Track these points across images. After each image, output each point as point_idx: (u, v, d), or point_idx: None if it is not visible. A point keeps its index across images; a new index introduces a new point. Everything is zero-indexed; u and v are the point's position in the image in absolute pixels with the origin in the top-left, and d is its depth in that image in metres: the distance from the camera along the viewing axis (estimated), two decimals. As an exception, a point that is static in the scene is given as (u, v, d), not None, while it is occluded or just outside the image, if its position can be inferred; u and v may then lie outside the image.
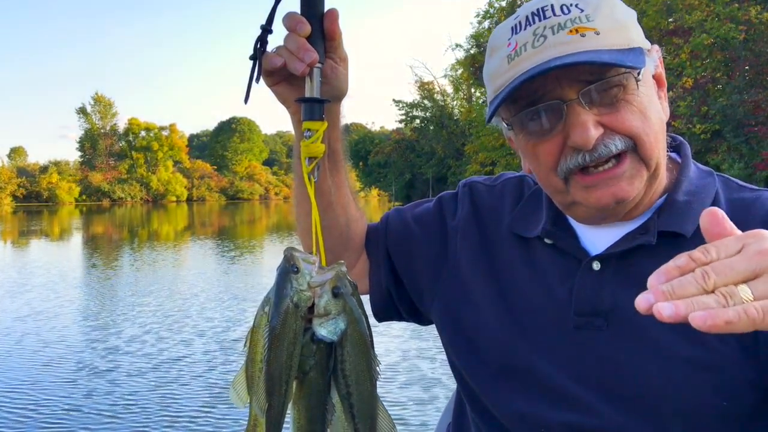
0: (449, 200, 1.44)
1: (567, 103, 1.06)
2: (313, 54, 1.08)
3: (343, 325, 0.92)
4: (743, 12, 25.78)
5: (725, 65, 26.06)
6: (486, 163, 38.04)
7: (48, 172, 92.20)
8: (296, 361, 0.92)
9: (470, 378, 1.29)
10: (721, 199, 1.16)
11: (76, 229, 36.64)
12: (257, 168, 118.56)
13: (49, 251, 23.45)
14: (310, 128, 1.10)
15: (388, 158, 59.14)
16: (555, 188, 1.15)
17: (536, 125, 1.11)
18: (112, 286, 13.98)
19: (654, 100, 1.12)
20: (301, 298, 0.93)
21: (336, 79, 1.19)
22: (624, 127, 1.07)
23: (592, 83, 1.05)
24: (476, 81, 45.35)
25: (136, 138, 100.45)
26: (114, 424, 5.78)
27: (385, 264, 1.42)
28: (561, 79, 1.06)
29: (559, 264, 1.21)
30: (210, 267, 17.29)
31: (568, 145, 1.08)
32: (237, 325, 9.65)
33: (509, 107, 1.13)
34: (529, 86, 1.07)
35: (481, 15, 43.49)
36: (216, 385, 6.74)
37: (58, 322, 9.99)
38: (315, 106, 1.10)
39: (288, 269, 0.94)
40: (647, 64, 1.10)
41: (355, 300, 0.95)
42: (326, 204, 1.31)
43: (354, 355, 0.93)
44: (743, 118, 24.19)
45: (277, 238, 27.51)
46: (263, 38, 1.12)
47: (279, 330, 0.92)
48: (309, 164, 1.11)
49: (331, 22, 1.12)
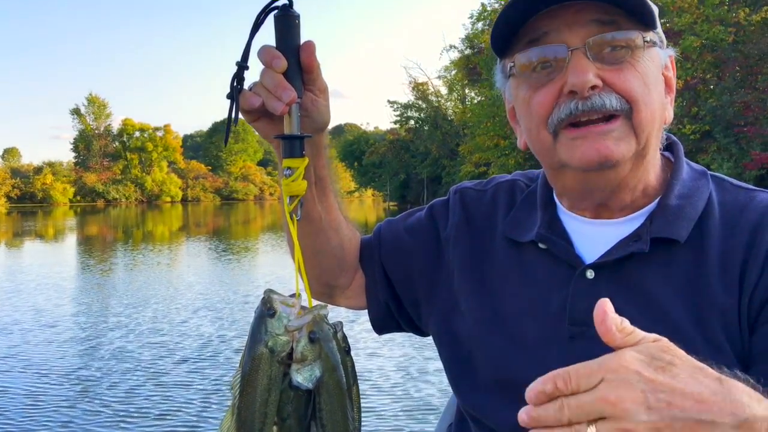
0: (440, 208, 1.43)
1: (572, 49, 1.05)
2: (291, 93, 1.06)
3: (319, 372, 0.90)
4: (732, 14, 25.90)
5: (715, 67, 26.16)
6: (480, 164, 38.00)
7: (42, 173, 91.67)
8: (273, 408, 0.90)
9: (465, 390, 1.28)
10: (714, 201, 1.14)
11: (70, 230, 36.47)
12: (252, 168, 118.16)
13: (42, 252, 23.31)
14: (290, 166, 1.08)
15: (383, 158, 59.08)
16: (544, 145, 1.13)
17: (538, 74, 1.10)
18: (105, 287, 13.91)
19: (659, 85, 1.12)
20: (277, 343, 0.90)
21: (316, 111, 1.17)
22: (624, 86, 1.05)
23: (600, 31, 1.05)
24: (470, 82, 45.35)
25: (131, 139, 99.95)
26: (109, 424, 5.76)
27: (380, 278, 1.41)
28: (570, 23, 1.06)
29: (553, 271, 1.20)
30: (205, 267, 17.23)
31: (563, 93, 1.07)
32: (231, 326, 9.61)
33: (513, 46, 1.12)
34: (537, 23, 1.06)
35: (475, 17, 43.52)
36: (209, 389, 6.73)
37: (52, 322, 9.92)
38: (294, 143, 1.09)
39: (264, 313, 0.92)
40: (660, 54, 1.11)
41: (333, 345, 0.92)
42: (318, 230, 1.30)
43: (330, 404, 0.91)
44: (733, 119, 24.29)
45: (272, 238, 27.46)
46: (240, 75, 1.09)
47: (251, 376, 0.89)
48: (291, 202, 1.09)
49: (308, 55, 1.10)
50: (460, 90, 52.27)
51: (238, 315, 10.55)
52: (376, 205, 62.46)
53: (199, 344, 8.67)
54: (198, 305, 11.49)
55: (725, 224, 1.11)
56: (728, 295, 1.06)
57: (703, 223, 1.12)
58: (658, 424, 0.72)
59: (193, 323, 10.02)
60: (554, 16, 1.06)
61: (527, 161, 27.10)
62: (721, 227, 1.11)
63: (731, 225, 1.11)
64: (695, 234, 1.11)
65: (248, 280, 14.77)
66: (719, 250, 1.09)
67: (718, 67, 26.38)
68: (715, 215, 1.13)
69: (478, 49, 40.46)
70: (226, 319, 10.19)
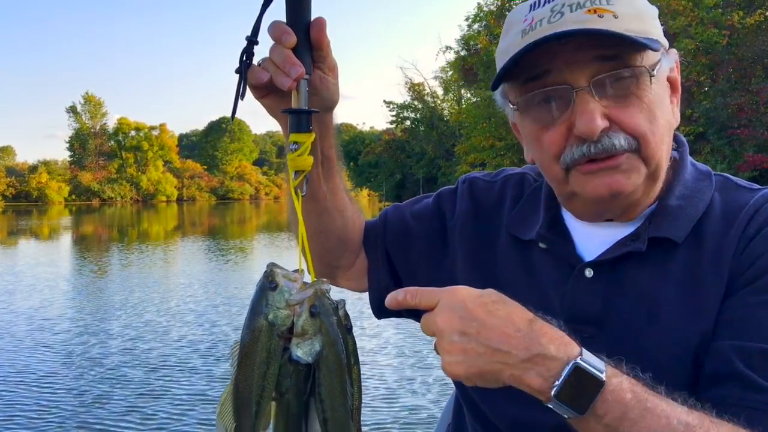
0: (448, 197, 1.42)
1: (576, 90, 1.04)
2: (299, 68, 1.04)
3: (319, 346, 0.89)
4: (727, 17, 25.97)
5: (709, 69, 26.21)
6: (476, 164, 38.01)
7: (37, 172, 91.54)
8: (271, 382, 0.89)
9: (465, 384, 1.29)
10: (716, 202, 1.15)
11: (65, 229, 36.36)
12: (247, 168, 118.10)
13: (37, 251, 23.24)
14: (297, 141, 1.06)
15: (379, 158, 59.05)
16: (556, 177, 1.13)
17: (543, 110, 1.09)
18: (99, 286, 13.88)
19: (666, 101, 1.11)
20: (278, 317, 0.89)
21: (325, 89, 1.16)
22: (631, 124, 1.05)
23: (604, 72, 1.03)
24: (466, 83, 45.36)
25: (126, 138, 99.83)
26: (107, 422, 5.74)
27: (383, 262, 1.40)
28: (571, 64, 1.04)
29: (553, 269, 1.20)
30: (200, 266, 17.19)
31: (573, 134, 1.06)
32: (226, 324, 9.59)
33: (517, 87, 1.11)
34: (536, 60, 1.05)
35: (471, 18, 43.52)
36: (206, 385, 6.72)
37: (47, 321, 9.89)
38: (302, 117, 1.07)
39: (266, 285, 0.91)
40: (663, 64, 1.09)
41: (334, 320, 0.91)
42: (322, 209, 1.30)
43: (329, 379, 0.90)
44: (726, 121, 24.34)
45: (267, 238, 27.41)
46: (249, 50, 1.08)
47: (250, 348, 0.89)
48: (296, 177, 1.08)
49: (318, 31, 1.08)
50: (456, 91, 52.27)
51: (236, 315, 10.51)
52: (372, 205, 62.42)
53: (197, 343, 8.64)
54: (194, 305, 11.47)
55: (724, 224, 1.12)
56: (718, 288, 1.07)
57: (702, 223, 1.12)
58: (466, 346, 0.90)
59: (189, 322, 10.00)
60: (554, 53, 1.04)
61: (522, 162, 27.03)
62: (720, 227, 1.11)
63: (729, 224, 1.11)
64: (694, 234, 1.12)
65: (245, 279, 14.73)
66: (715, 248, 1.10)
67: (713, 70, 26.45)
68: (715, 216, 1.13)
69: (474, 51, 40.43)
70: (222, 319, 10.16)
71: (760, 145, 23.21)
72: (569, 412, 0.89)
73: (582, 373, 0.89)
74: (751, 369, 0.98)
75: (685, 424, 0.90)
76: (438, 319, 0.93)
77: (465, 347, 0.90)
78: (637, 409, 0.90)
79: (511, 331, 0.90)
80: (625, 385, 0.91)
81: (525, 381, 0.90)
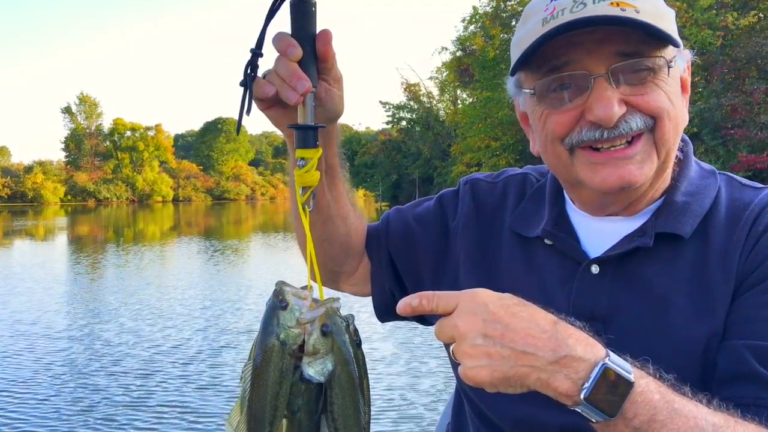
0: (450, 198, 1.42)
1: (594, 76, 1.04)
2: (306, 83, 1.03)
3: (331, 365, 0.89)
4: (721, 18, 26.01)
5: (703, 70, 26.21)
6: (472, 164, 37.97)
7: (33, 172, 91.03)
8: (283, 401, 0.89)
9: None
10: (722, 199, 1.15)
11: (60, 230, 36.19)
12: (243, 168, 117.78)
13: (33, 251, 23.15)
14: (304, 156, 1.05)
15: (375, 159, 58.89)
16: (559, 159, 1.13)
17: (557, 94, 1.09)
18: (95, 286, 13.83)
19: (680, 96, 1.12)
20: (289, 336, 0.89)
21: (330, 101, 1.15)
22: (649, 106, 1.05)
23: (622, 61, 1.04)
24: (462, 83, 45.33)
25: (122, 138, 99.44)
26: (105, 422, 5.74)
27: (386, 265, 1.41)
28: (592, 52, 1.04)
29: (558, 266, 1.20)
30: (196, 266, 17.15)
31: (585, 119, 1.06)
32: (223, 325, 9.58)
33: (533, 73, 1.11)
34: (556, 49, 1.05)
35: (467, 20, 43.51)
36: (205, 385, 6.71)
37: (43, 322, 9.85)
38: (308, 133, 1.06)
39: (276, 305, 0.90)
40: (679, 62, 1.10)
41: (347, 338, 0.91)
42: (326, 218, 1.30)
43: (342, 398, 0.90)
44: (720, 121, 24.39)
45: (263, 239, 27.36)
46: (253, 62, 1.06)
47: (262, 368, 0.88)
48: (303, 193, 1.07)
49: (324, 44, 1.07)
50: (451, 91, 52.20)
51: (233, 314, 10.51)
52: (368, 206, 62.31)
53: (196, 343, 8.64)
54: (190, 306, 11.43)
55: (730, 221, 1.12)
56: (727, 286, 1.08)
57: (708, 219, 1.13)
58: (490, 350, 0.87)
59: (185, 323, 9.97)
60: (575, 44, 1.05)
61: (518, 162, 27.13)
62: (726, 223, 1.12)
63: (735, 221, 1.12)
64: (700, 230, 1.12)
65: (242, 279, 14.70)
66: (722, 245, 1.10)
67: (707, 71, 26.47)
68: (720, 212, 1.13)
69: (469, 52, 40.40)
70: (220, 318, 10.15)
71: (754, 145, 23.25)
72: (600, 415, 0.87)
73: (611, 374, 0.87)
74: (765, 368, 0.99)
75: (712, 424, 0.89)
76: (459, 323, 0.89)
77: (489, 351, 0.87)
78: (665, 410, 0.88)
79: (536, 332, 0.87)
80: (652, 387, 0.90)
81: (552, 385, 0.87)
